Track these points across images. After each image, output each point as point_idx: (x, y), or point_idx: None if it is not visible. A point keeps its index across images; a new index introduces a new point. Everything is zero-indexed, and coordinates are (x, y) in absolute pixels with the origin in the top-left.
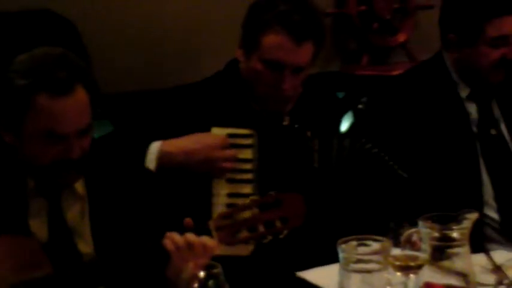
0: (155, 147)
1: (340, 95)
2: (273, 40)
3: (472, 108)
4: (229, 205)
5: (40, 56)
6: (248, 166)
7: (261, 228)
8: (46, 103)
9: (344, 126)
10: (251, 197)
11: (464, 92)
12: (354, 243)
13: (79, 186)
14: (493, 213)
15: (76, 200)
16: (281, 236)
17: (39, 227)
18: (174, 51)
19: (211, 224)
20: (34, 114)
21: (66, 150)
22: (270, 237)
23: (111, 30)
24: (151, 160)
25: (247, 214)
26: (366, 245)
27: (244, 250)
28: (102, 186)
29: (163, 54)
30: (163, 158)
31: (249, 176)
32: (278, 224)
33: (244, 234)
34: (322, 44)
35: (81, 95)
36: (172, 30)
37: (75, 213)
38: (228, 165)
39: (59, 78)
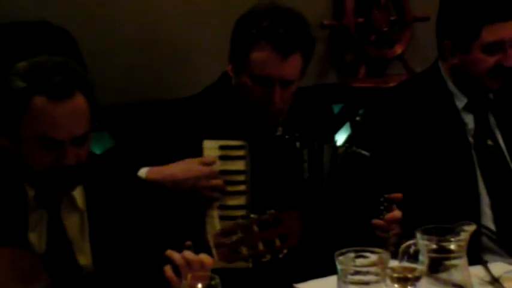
0: (142, 174)
1: (337, 107)
2: (259, 56)
3: (469, 119)
4: (222, 217)
5: (40, 61)
6: (241, 177)
7: (261, 247)
8: (43, 106)
9: (342, 138)
10: (251, 215)
11: (460, 103)
12: (352, 254)
13: (79, 199)
14: (489, 223)
15: (76, 212)
16: (280, 256)
17: (38, 238)
18: (173, 63)
19: (211, 241)
20: (30, 116)
21: (60, 157)
22: (269, 256)
23: (109, 42)
24: None
25: (246, 232)
26: (363, 256)
27: (244, 263)
28: (102, 199)
29: (162, 66)
30: None
31: (241, 187)
32: (277, 242)
33: (243, 252)
34: (311, 54)
35: (79, 102)
36: (172, 42)
37: (75, 225)
38: (214, 194)
39: (56, 82)
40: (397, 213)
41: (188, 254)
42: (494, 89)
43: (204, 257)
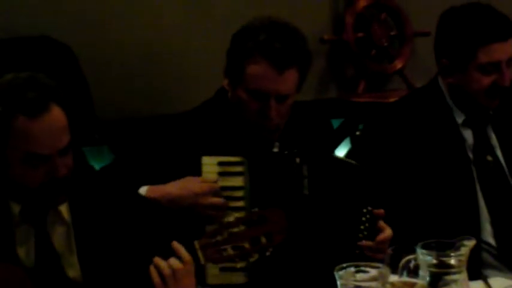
0: (141, 192)
1: (337, 122)
2: (255, 70)
3: (468, 134)
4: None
5: (8, 81)
6: (239, 193)
7: (247, 245)
8: (23, 125)
9: (342, 153)
10: (236, 214)
11: (459, 118)
12: (352, 269)
13: (64, 212)
14: (490, 239)
15: (62, 225)
16: (267, 253)
17: (26, 253)
18: (173, 78)
19: (196, 244)
20: (13, 138)
21: (51, 170)
22: (256, 255)
23: (109, 57)
24: None
25: (231, 231)
26: (363, 271)
27: (238, 278)
28: (89, 212)
29: (162, 80)
30: None
31: (240, 203)
32: (263, 240)
33: (229, 252)
34: (308, 69)
35: (56, 114)
36: (171, 56)
37: (62, 238)
38: (213, 213)
39: (30, 99)
40: (388, 232)
41: (174, 262)
42: (491, 107)
43: (184, 257)
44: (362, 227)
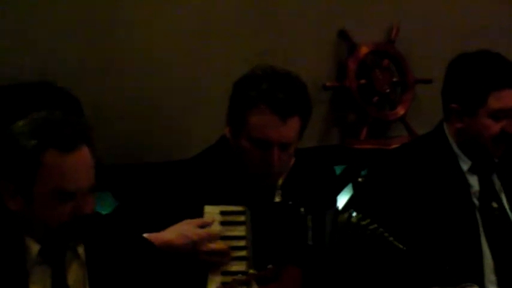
0: None
1: (340, 168)
2: (258, 119)
3: (474, 181)
4: (223, 283)
5: (43, 117)
6: (241, 243)
7: None
8: (55, 160)
9: (343, 199)
10: (250, 271)
11: (465, 164)
12: None
13: (81, 251)
14: (493, 287)
15: (78, 264)
16: None
17: None
18: (175, 125)
19: None
20: (44, 172)
21: (77, 207)
22: None
23: (111, 103)
24: None
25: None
26: None
27: None
28: (103, 254)
29: (164, 127)
30: None
31: (242, 253)
32: None
33: None
34: (309, 117)
35: (86, 152)
36: (173, 104)
37: (76, 277)
38: (214, 259)
39: (66, 134)
40: None
41: None
42: (497, 154)
43: None
44: None
